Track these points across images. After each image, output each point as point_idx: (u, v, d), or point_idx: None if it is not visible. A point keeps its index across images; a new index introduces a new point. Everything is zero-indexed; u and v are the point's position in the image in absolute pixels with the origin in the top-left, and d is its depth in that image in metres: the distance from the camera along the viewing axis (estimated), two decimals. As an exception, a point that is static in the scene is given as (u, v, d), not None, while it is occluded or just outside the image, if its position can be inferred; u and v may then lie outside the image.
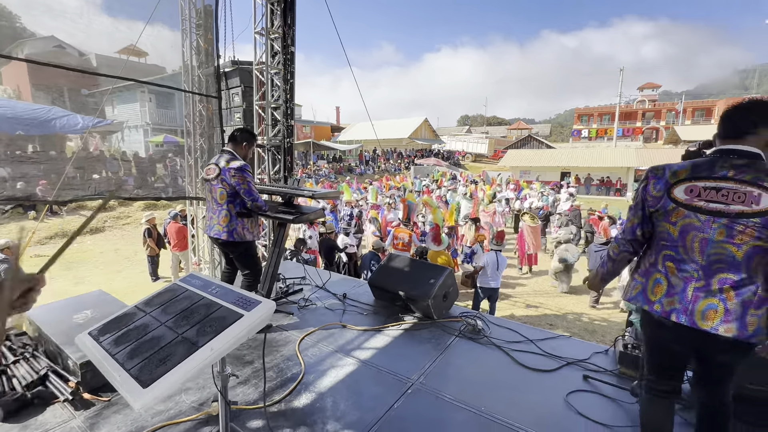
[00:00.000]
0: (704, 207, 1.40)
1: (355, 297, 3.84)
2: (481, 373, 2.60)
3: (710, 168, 1.42)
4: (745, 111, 1.43)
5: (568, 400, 2.30)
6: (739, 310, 1.37)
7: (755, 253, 1.35)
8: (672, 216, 1.47)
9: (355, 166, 30.30)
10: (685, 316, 1.43)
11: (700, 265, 1.42)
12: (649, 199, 1.54)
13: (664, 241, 1.52)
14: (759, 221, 1.32)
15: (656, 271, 1.54)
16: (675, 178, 1.48)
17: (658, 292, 1.51)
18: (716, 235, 1.38)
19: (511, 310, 7.21)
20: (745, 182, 1.35)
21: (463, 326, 3.20)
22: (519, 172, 26.72)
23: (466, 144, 44.08)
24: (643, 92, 54.46)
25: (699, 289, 1.42)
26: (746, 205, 1.33)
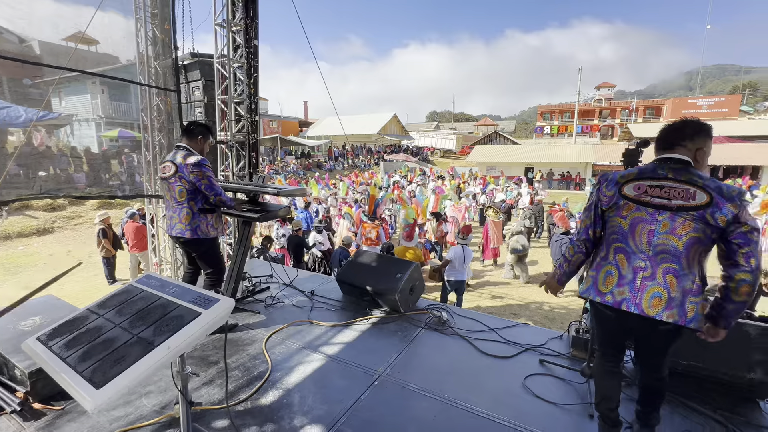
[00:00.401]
0: (651, 201, 1.58)
1: (323, 293, 3.85)
2: (445, 362, 2.70)
3: (653, 171, 1.63)
4: (678, 129, 1.66)
5: (525, 383, 2.44)
6: (680, 298, 1.54)
7: (692, 244, 1.53)
8: (623, 210, 1.64)
9: (325, 162, 29.95)
10: (634, 304, 1.58)
11: (648, 256, 1.58)
12: (602, 198, 1.72)
13: (615, 235, 1.68)
14: (695, 214, 1.51)
15: (608, 263, 1.68)
16: (624, 179, 1.68)
17: (609, 283, 1.65)
18: (661, 227, 1.56)
19: (477, 302, 7.46)
20: (683, 181, 1.55)
21: (429, 318, 3.30)
22: (486, 168, 27.46)
23: (435, 140, 44.69)
24: (600, 91, 57.36)
25: (646, 278, 1.58)
26: (685, 200, 1.53)
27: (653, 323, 1.57)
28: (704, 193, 1.51)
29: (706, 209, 1.49)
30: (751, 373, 2.20)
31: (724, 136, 29.74)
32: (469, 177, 22.64)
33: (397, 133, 41.37)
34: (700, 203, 1.50)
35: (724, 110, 43.85)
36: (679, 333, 1.62)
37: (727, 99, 46.20)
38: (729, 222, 1.48)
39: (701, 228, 1.51)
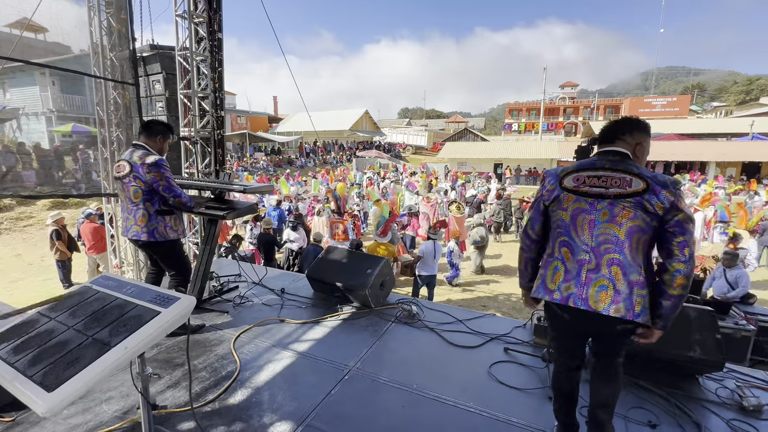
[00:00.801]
0: (589, 191, 1.59)
1: (293, 291, 3.82)
2: (414, 355, 2.76)
3: (593, 163, 1.66)
4: (618, 124, 1.72)
5: (490, 371, 2.55)
6: (627, 290, 1.50)
7: (634, 232, 1.52)
8: (564, 202, 1.64)
9: (296, 159, 29.49)
10: (581, 300, 1.54)
11: (591, 247, 1.56)
12: (545, 194, 1.73)
13: (559, 228, 1.67)
14: (633, 200, 1.51)
15: (554, 259, 1.67)
16: (564, 172, 1.70)
17: (556, 280, 1.63)
18: (601, 215, 1.55)
19: (448, 295, 7.63)
20: (619, 170, 1.57)
21: (400, 312, 3.36)
22: (456, 164, 27.95)
23: (407, 136, 44.99)
24: (564, 90, 59.65)
25: (591, 270, 1.55)
26: (621, 188, 1.53)
27: (602, 318, 1.53)
28: (640, 180, 1.52)
29: (643, 195, 1.50)
30: (691, 352, 2.41)
31: (675, 134, 31.77)
32: (445, 173, 22.99)
33: (369, 130, 41.32)
34: (636, 189, 1.51)
35: (676, 109, 46.82)
36: (632, 332, 1.59)
37: (678, 99, 49.35)
38: (666, 209, 1.48)
39: (640, 215, 1.50)
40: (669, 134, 31.62)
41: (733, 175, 23.42)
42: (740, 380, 2.48)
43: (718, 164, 23.72)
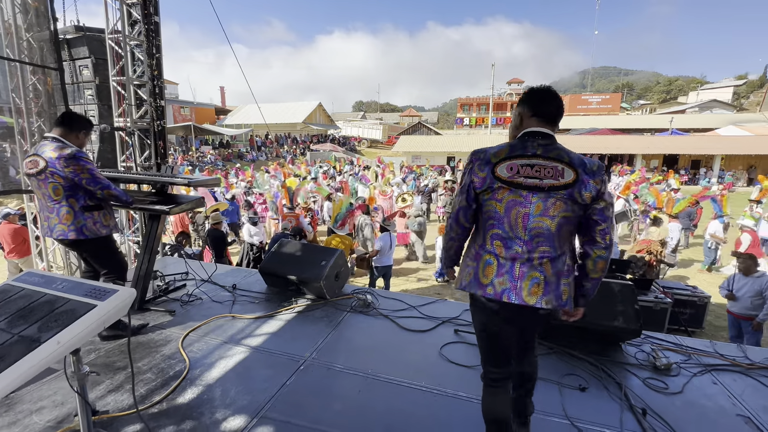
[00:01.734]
0: (524, 183, 1.49)
1: (246, 287, 3.73)
2: (369, 341, 2.83)
3: (523, 147, 1.53)
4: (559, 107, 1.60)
5: (441, 352, 2.68)
6: (555, 281, 1.50)
7: (563, 224, 1.50)
8: (498, 194, 1.53)
9: (246, 152, 28.35)
10: (515, 293, 1.50)
11: (524, 241, 1.50)
12: (475, 180, 1.57)
13: (491, 220, 1.56)
14: (565, 193, 1.47)
15: (486, 252, 1.57)
16: (496, 158, 1.54)
17: (489, 274, 1.54)
18: (535, 209, 1.48)
19: (404, 285, 7.81)
20: (551, 158, 1.50)
21: (355, 302, 3.41)
22: (411, 157, 28.40)
23: (362, 130, 44.91)
24: (511, 86, 62.56)
25: (523, 264, 1.51)
26: (555, 179, 1.48)
27: (533, 312, 1.54)
28: (571, 170, 1.48)
29: (573, 187, 1.47)
30: (615, 322, 2.70)
31: (608, 129, 34.63)
32: (401, 167, 23.26)
33: (323, 123, 40.66)
34: (568, 181, 1.47)
35: (609, 106, 50.94)
36: (551, 315, 1.64)
37: (611, 97, 53.68)
38: (593, 198, 1.49)
39: (570, 206, 1.49)
40: (603, 129, 34.41)
41: (656, 166, 26.02)
42: (655, 344, 2.83)
43: (644, 157, 26.22)
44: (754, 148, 24.08)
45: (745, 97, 67.67)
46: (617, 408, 2.17)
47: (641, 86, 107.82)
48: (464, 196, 1.61)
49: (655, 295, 5.65)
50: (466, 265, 1.65)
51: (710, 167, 24.80)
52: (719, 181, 22.02)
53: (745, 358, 2.69)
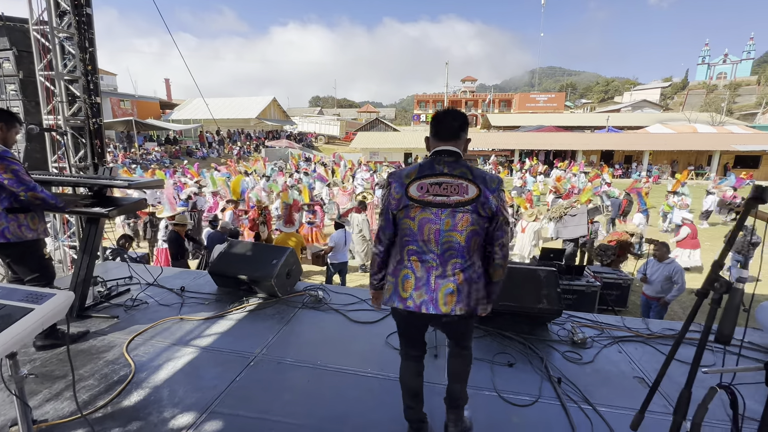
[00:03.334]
0: (433, 201, 1.63)
1: (195, 288, 3.70)
2: (319, 335, 2.96)
3: (432, 167, 1.68)
4: (456, 121, 1.73)
5: (387, 340, 2.87)
6: (467, 288, 1.67)
7: (472, 236, 1.66)
8: (411, 212, 1.66)
9: (196, 149, 27.05)
10: (432, 305, 1.64)
11: (437, 254, 1.65)
12: (392, 202, 1.71)
13: (407, 237, 1.69)
14: (470, 207, 1.62)
15: (404, 267, 1.70)
16: (408, 179, 1.68)
17: (408, 287, 1.68)
18: (444, 225, 1.63)
19: (361, 281, 7.98)
20: (456, 176, 1.64)
21: (307, 299, 3.51)
22: (369, 154, 28.55)
23: (319, 126, 44.33)
24: (465, 84, 64.51)
25: (438, 276, 1.65)
26: (460, 195, 1.62)
27: (450, 317, 1.68)
28: (474, 186, 1.63)
29: (476, 202, 1.62)
30: (541, 304, 3.03)
31: (554, 126, 36.90)
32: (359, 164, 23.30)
33: (278, 118, 39.65)
34: (472, 197, 1.62)
35: (554, 105, 54.18)
36: (471, 317, 1.77)
37: (556, 96, 57.08)
38: (494, 213, 1.65)
39: (476, 220, 1.64)
40: (549, 126, 36.60)
41: (594, 161, 28.17)
42: (575, 322, 3.20)
43: (585, 152, 28.28)
44: (676, 145, 26.82)
45: (671, 98, 74.85)
46: (539, 379, 2.46)
47: (583, 86, 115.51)
48: (385, 218, 1.76)
49: (587, 279, 6.27)
50: (387, 281, 1.79)
51: (640, 162, 27.27)
52: (648, 175, 24.32)
53: (647, 329, 3.13)
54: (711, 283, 1.01)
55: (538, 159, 27.46)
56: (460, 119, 1.74)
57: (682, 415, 1.09)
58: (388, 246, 1.80)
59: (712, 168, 25.72)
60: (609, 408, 2.20)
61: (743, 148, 25.12)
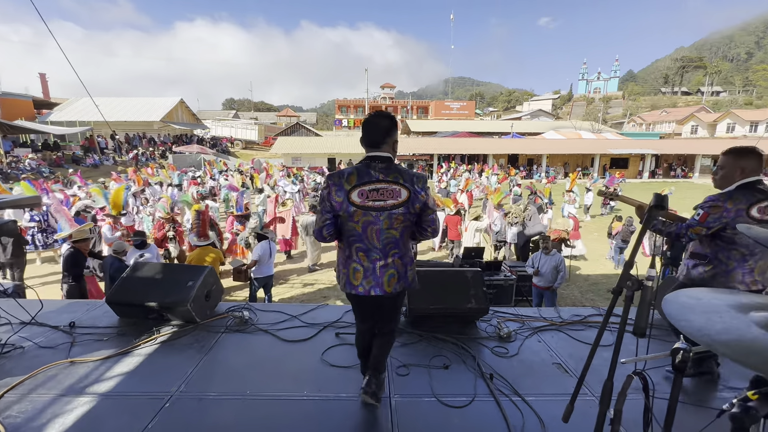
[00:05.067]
0: (373, 206, 1.93)
1: (89, 323, 3.14)
2: (247, 360, 2.70)
3: (368, 173, 1.94)
4: (379, 126, 2.00)
5: (322, 357, 2.73)
6: (404, 271, 2.05)
7: (405, 230, 2.02)
8: (355, 216, 1.95)
9: (84, 156, 23.49)
10: (379, 288, 2.00)
11: (380, 249, 1.98)
12: (334, 204, 1.96)
13: (353, 237, 1.99)
14: (403, 209, 1.95)
15: (352, 261, 2.02)
16: (349, 185, 1.93)
17: (358, 277, 2.01)
18: (383, 224, 1.95)
19: (290, 293, 7.63)
20: (390, 182, 1.93)
21: (231, 321, 3.20)
22: (290, 159, 27.66)
23: (235, 130, 41.68)
24: (384, 90, 66.30)
25: (382, 266, 1.99)
26: (395, 198, 1.94)
27: (392, 294, 2.05)
28: (405, 190, 1.94)
29: (408, 203, 1.95)
30: (470, 304, 3.17)
31: (467, 132, 39.81)
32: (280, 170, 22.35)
33: (187, 122, 36.36)
34: (404, 199, 1.94)
35: (466, 112, 58.52)
36: (404, 293, 2.19)
37: (467, 104, 61.71)
38: (422, 209, 2.01)
39: (407, 217, 1.98)
40: (463, 132, 39.39)
41: (503, 164, 31.03)
42: (500, 317, 3.41)
43: (494, 156, 30.97)
44: (566, 149, 30.84)
45: (560, 108, 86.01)
46: (473, 377, 2.55)
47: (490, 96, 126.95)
48: (327, 215, 2.00)
49: (504, 274, 6.80)
50: (339, 271, 2.10)
51: (540, 164, 30.75)
52: (546, 176, 27.52)
53: (559, 317, 3.47)
54: (624, 282, 1.12)
55: (455, 163, 29.33)
56: (386, 124, 1.99)
57: (607, 404, 1.19)
58: (330, 240, 2.07)
59: (594, 169, 30.07)
60: (536, 396, 2.36)
61: (616, 152, 29.89)
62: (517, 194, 13.43)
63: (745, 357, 0.81)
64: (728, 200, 2.19)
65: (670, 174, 30.88)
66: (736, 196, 2.19)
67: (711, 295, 1.10)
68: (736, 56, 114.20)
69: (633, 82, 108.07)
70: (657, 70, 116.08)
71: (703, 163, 30.42)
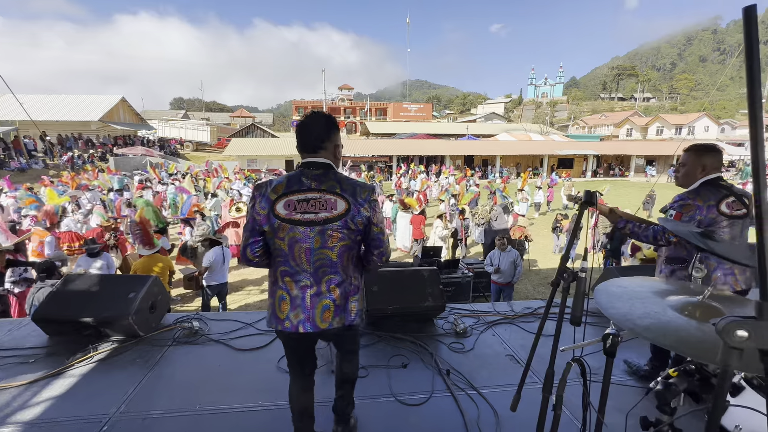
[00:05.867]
0: (301, 219, 1.56)
1: (12, 344, 2.83)
2: (197, 374, 2.56)
3: (299, 181, 1.60)
4: (317, 129, 1.66)
5: (279, 364, 2.65)
6: (344, 303, 1.65)
7: (344, 252, 1.63)
8: (280, 232, 1.58)
9: (8, 159, 21.22)
10: (309, 323, 1.59)
11: (310, 273, 1.60)
12: (258, 218, 1.61)
13: (279, 258, 1.63)
14: (339, 223, 1.58)
15: (278, 288, 1.64)
16: (275, 194, 1.59)
17: (285, 309, 1.61)
18: (314, 243, 1.57)
19: (246, 300, 7.35)
20: (324, 191, 1.58)
21: (179, 333, 3.02)
22: (246, 162, 26.71)
23: (185, 131, 39.53)
24: (342, 92, 65.95)
25: (314, 295, 1.60)
26: (329, 211, 1.57)
27: (330, 332, 1.66)
28: (343, 201, 1.58)
29: (346, 216, 1.58)
30: (427, 302, 3.22)
31: (424, 134, 40.60)
32: (234, 172, 21.48)
33: (130, 122, 33.95)
34: (341, 212, 1.58)
35: (424, 114, 59.65)
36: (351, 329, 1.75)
37: (425, 106, 62.87)
38: (365, 225, 1.63)
39: (347, 234, 1.60)
40: (421, 134, 40.13)
41: (460, 164, 32.00)
42: (456, 314, 3.50)
43: (452, 157, 31.84)
44: (518, 150, 32.40)
45: (512, 111, 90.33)
46: (431, 374, 2.60)
47: (446, 98, 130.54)
48: (251, 231, 1.64)
49: (461, 271, 7.00)
50: (268, 300, 1.72)
51: (494, 165, 32.06)
52: (500, 175, 28.74)
53: (511, 311, 3.62)
54: (561, 274, 1.19)
55: (415, 164, 29.82)
56: (324, 126, 1.66)
57: (549, 391, 1.26)
58: (257, 263, 1.68)
59: (543, 169, 31.84)
60: (490, 388, 2.44)
61: (562, 153, 31.86)
62: (473, 193, 13.99)
63: (662, 337, 0.89)
64: (697, 197, 2.11)
65: (610, 173, 33.42)
66: (703, 193, 2.12)
67: (636, 283, 1.20)
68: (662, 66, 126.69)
69: (576, 88, 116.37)
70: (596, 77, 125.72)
71: (637, 163, 33.23)
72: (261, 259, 1.67)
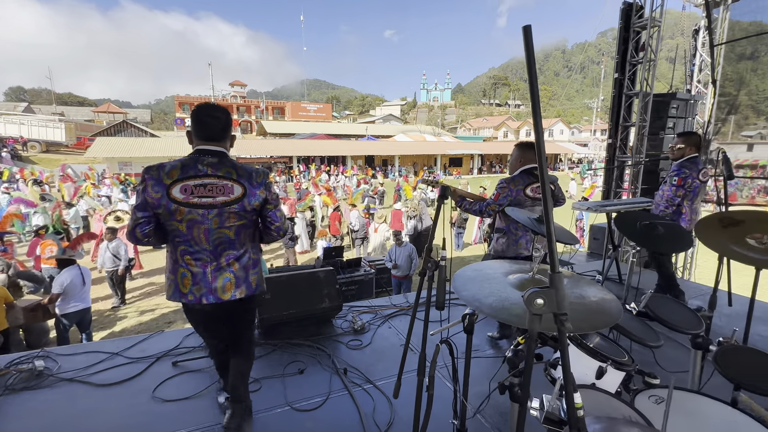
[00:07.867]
0: (199, 203, 1.67)
1: None
2: (41, 424, 2.09)
3: (195, 167, 1.69)
4: (220, 121, 1.77)
5: (154, 394, 2.33)
6: (244, 275, 1.81)
7: (241, 229, 1.79)
8: (177, 215, 1.67)
9: None
10: (212, 295, 1.74)
11: (210, 251, 1.74)
12: (151, 200, 1.66)
13: (177, 238, 1.73)
14: (236, 206, 1.73)
15: (179, 266, 1.75)
16: (170, 179, 1.65)
17: (187, 284, 1.74)
18: (213, 224, 1.71)
19: (121, 325, 6.34)
20: (221, 177, 1.70)
21: (12, 378, 2.43)
22: (117, 164, 23.04)
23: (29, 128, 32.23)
24: (234, 88, 61.47)
25: (214, 270, 1.75)
26: (226, 195, 1.71)
27: (232, 303, 1.82)
28: (239, 186, 1.72)
29: (242, 200, 1.73)
30: (323, 303, 3.19)
31: (325, 134, 40.32)
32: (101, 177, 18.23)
33: (-58, 116, 26.33)
34: (237, 196, 1.72)
35: (324, 114, 59.20)
36: (254, 301, 1.97)
37: (324, 106, 62.42)
38: (261, 205, 1.80)
39: (243, 214, 1.76)
40: (321, 134, 39.74)
41: (361, 164, 32.65)
42: (354, 311, 3.54)
43: (353, 158, 32.27)
44: (415, 150, 34.43)
45: (407, 114, 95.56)
46: (328, 376, 2.57)
47: (345, 99, 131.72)
48: (140, 213, 1.69)
49: (364, 269, 7.13)
50: (167, 278, 1.80)
51: (393, 164, 33.51)
52: (400, 174, 30.19)
53: (407, 302, 3.81)
54: (426, 264, 1.29)
55: (316, 165, 29.39)
56: (224, 119, 1.78)
57: (422, 373, 1.34)
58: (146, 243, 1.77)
59: (437, 168, 34.47)
60: (386, 380, 2.52)
61: (453, 153, 34.92)
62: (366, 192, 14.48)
63: (504, 313, 1.02)
64: (511, 183, 2.71)
65: (492, 170, 37.87)
66: (517, 179, 2.72)
67: (489, 265, 1.35)
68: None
69: (462, 94, 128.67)
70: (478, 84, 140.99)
71: (512, 161, 38.37)
72: (150, 238, 1.75)
